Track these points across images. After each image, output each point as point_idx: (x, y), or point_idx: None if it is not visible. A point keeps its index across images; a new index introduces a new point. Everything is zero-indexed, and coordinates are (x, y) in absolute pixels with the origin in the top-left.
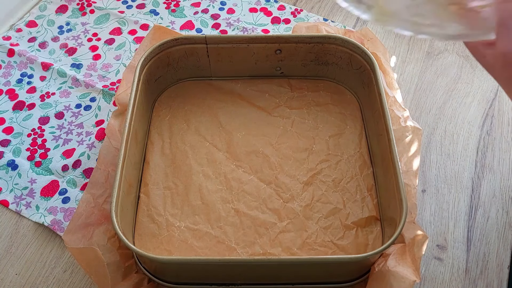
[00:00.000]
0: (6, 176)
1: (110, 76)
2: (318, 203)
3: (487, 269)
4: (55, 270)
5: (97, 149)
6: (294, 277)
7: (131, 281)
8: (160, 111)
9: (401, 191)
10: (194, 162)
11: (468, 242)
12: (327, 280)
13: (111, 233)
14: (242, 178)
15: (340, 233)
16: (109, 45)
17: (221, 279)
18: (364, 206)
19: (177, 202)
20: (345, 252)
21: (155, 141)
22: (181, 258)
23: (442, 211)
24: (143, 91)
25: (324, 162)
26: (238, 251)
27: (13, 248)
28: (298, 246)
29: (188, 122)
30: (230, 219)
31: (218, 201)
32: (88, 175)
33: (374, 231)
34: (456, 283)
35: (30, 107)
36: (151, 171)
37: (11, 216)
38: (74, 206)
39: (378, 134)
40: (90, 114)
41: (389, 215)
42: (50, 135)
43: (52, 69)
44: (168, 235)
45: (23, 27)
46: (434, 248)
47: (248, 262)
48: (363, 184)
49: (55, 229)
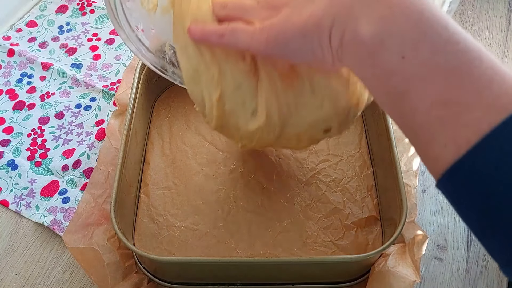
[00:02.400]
0: (6, 176)
1: (110, 76)
2: (318, 203)
3: (487, 269)
4: (55, 270)
5: (97, 149)
6: (294, 277)
7: (131, 281)
8: (160, 111)
9: (401, 191)
10: (194, 162)
11: (468, 242)
12: (327, 280)
13: (111, 233)
14: (242, 178)
15: (340, 233)
16: (109, 45)
17: (221, 279)
18: (364, 206)
19: (177, 202)
20: (345, 252)
21: (155, 141)
22: (181, 258)
23: (442, 211)
24: (143, 91)
25: (324, 162)
26: (238, 251)
27: (13, 248)
28: (298, 246)
29: (188, 122)
30: (230, 219)
31: (218, 201)
32: (88, 175)
33: (374, 231)
34: (456, 283)
35: (30, 107)
36: (151, 171)
37: (11, 216)
38: (74, 206)
39: (378, 134)
40: (90, 114)
41: (389, 215)
42: (50, 135)
43: (52, 69)
44: (168, 235)
45: (23, 27)
46: (434, 248)
47: (248, 262)
48: (363, 184)
49: (55, 229)
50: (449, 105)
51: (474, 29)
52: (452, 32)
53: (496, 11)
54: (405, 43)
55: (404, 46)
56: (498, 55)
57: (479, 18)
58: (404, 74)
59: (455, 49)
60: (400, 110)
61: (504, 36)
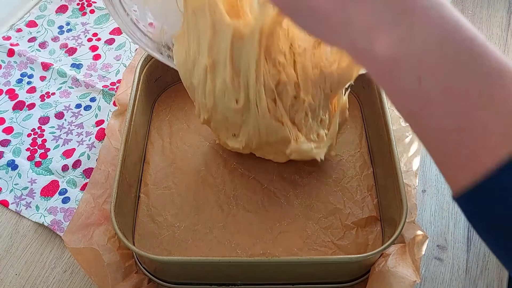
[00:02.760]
0: (6, 176)
1: (110, 76)
2: (318, 203)
3: (487, 269)
4: (55, 270)
5: (97, 149)
6: (294, 277)
7: (131, 281)
8: (160, 111)
9: (401, 191)
10: (194, 162)
11: (468, 242)
12: (327, 280)
13: (111, 233)
14: (242, 178)
15: (340, 233)
16: (109, 45)
17: (221, 279)
18: (364, 206)
19: (177, 202)
20: (345, 252)
21: (155, 141)
22: (181, 258)
23: (442, 211)
24: (143, 91)
25: (324, 162)
26: (238, 251)
27: (13, 248)
28: (298, 246)
29: (188, 122)
30: (230, 219)
31: (218, 201)
32: (88, 175)
33: (374, 231)
34: (456, 283)
35: (30, 107)
36: (151, 171)
37: (11, 216)
38: (74, 206)
39: (378, 134)
40: (90, 114)
41: (389, 215)
42: (50, 135)
43: (52, 69)
44: (168, 235)
45: (23, 27)
46: (434, 248)
47: (248, 262)
48: (363, 184)
49: (55, 229)
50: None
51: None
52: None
53: (496, 11)
54: (422, 66)
55: (421, 69)
56: None
57: (479, 18)
58: (420, 96)
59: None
60: (417, 125)
61: (504, 36)
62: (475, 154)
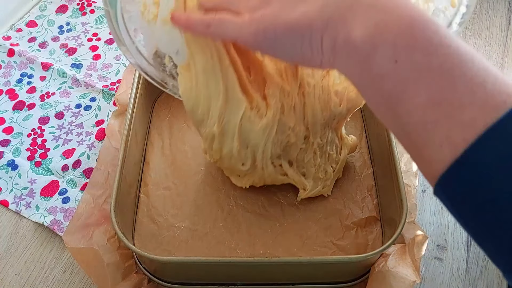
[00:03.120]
0: (6, 176)
1: (110, 76)
2: (318, 203)
3: (487, 269)
4: (55, 270)
5: (97, 149)
6: (294, 277)
7: (131, 281)
8: (160, 111)
9: (401, 191)
10: (194, 162)
11: (468, 242)
12: (327, 280)
13: (111, 233)
14: None
15: (340, 234)
16: (109, 45)
17: (221, 279)
18: (364, 206)
19: (177, 202)
20: (345, 252)
21: (155, 141)
22: (181, 258)
23: (442, 211)
24: (143, 91)
25: None
26: (238, 251)
27: (12, 248)
28: (298, 246)
29: (188, 122)
30: (230, 219)
31: (218, 201)
32: (88, 175)
33: (374, 231)
34: (456, 283)
35: (30, 107)
36: (151, 171)
37: (11, 216)
38: (74, 206)
39: (378, 134)
40: (90, 114)
41: (389, 215)
42: (50, 135)
43: (52, 69)
44: (168, 235)
45: (23, 27)
46: (434, 248)
47: (248, 262)
48: (363, 184)
49: (55, 229)
50: (443, 105)
51: (474, 29)
52: (443, 36)
53: (496, 11)
54: (397, 48)
55: (396, 51)
56: (498, 55)
57: (479, 18)
58: (397, 77)
59: (446, 52)
60: (394, 114)
61: (504, 36)
62: (452, 131)
